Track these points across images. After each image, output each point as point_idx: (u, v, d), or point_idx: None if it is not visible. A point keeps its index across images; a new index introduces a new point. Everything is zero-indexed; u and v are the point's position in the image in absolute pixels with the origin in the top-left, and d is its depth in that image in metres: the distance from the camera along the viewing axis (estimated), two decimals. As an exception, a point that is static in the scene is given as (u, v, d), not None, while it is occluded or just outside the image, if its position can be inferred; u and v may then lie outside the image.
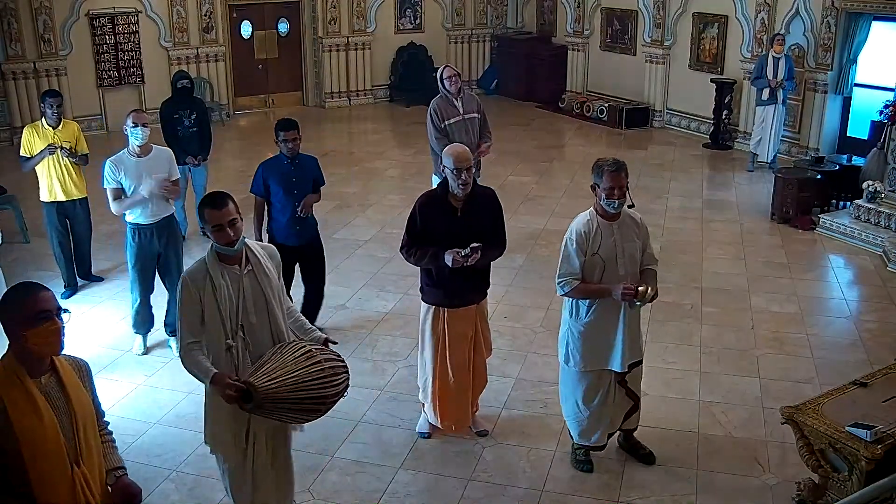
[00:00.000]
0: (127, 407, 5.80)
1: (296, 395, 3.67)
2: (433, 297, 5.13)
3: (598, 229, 4.68)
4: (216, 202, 3.80)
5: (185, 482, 5.01)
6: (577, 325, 4.82)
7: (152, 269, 6.50)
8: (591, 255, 4.65)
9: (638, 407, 5.11)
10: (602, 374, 4.89)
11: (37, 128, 7.40)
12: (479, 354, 5.33)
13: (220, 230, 3.77)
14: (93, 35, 13.47)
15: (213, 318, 3.80)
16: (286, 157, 6.36)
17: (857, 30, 11.12)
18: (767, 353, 6.55)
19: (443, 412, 5.32)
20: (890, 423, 4.17)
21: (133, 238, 6.35)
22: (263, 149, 13.12)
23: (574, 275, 4.66)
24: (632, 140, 13.49)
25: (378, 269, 8.12)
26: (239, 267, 3.85)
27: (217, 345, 3.83)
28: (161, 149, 6.48)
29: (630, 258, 4.71)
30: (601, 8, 15.04)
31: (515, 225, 9.38)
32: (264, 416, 3.74)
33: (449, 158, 4.86)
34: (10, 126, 13.03)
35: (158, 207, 6.33)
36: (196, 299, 3.78)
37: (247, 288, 3.84)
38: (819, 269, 8.48)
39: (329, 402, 3.80)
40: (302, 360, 3.75)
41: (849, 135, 11.64)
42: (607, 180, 4.58)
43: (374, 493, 4.91)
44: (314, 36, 15.58)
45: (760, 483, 4.99)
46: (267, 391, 3.61)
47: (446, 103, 7.71)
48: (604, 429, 4.99)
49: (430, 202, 5.01)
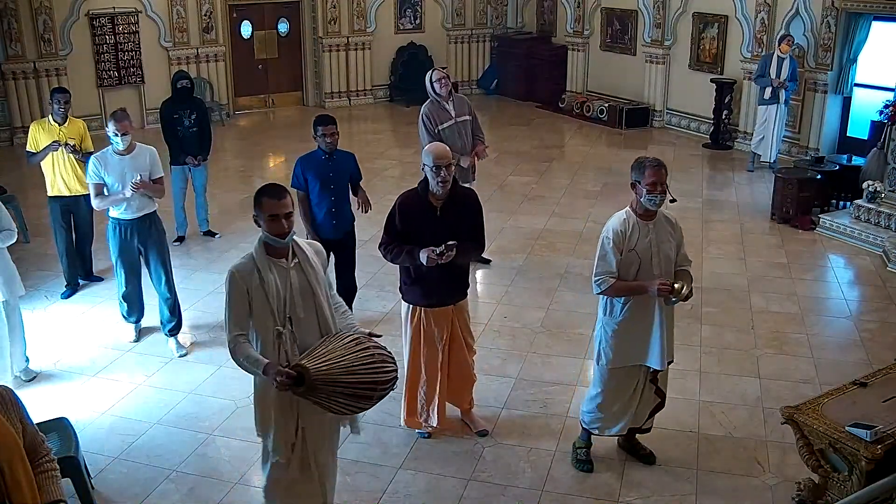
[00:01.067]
0: (127, 407, 5.80)
1: (347, 378, 3.66)
2: (411, 296, 5.16)
3: (635, 227, 4.68)
4: (276, 192, 3.83)
5: (185, 482, 5.01)
6: (612, 323, 4.82)
7: (135, 262, 6.59)
8: (626, 252, 4.65)
9: (663, 405, 5.12)
10: (631, 371, 4.90)
11: (43, 124, 7.46)
12: (462, 353, 5.33)
13: (276, 220, 3.78)
14: (93, 35, 13.48)
15: (262, 309, 3.81)
16: (324, 151, 6.41)
17: (857, 30, 11.12)
18: (767, 353, 6.55)
19: (409, 409, 5.36)
20: (890, 423, 4.17)
21: (114, 232, 6.47)
22: (264, 149, 13.18)
23: (611, 273, 4.66)
24: (632, 140, 13.48)
25: (378, 269, 8.12)
26: (286, 261, 3.88)
27: (266, 333, 3.83)
28: (144, 147, 6.53)
29: (665, 258, 4.72)
30: (601, 8, 15.04)
31: (515, 225, 9.39)
32: (316, 400, 3.70)
33: (428, 156, 4.88)
34: (10, 126, 13.04)
35: (141, 204, 6.39)
36: (244, 292, 3.80)
37: (294, 282, 3.86)
38: (819, 269, 8.48)
39: (380, 388, 3.78)
40: (351, 345, 3.77)
41: (849, 135, 11.64)
42: (650, 175, 4.58)
43: (374, 493, 4.91)
44: (314, 36, 15.58)
45: (760, 483, 4.99)
46: (318, 373, 3.61)
47: (438, 108, 7.62)
48: (626, 422, 5.02)
49: (410, 201, 5.02)
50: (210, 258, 8.51)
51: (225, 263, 7.65)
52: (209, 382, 6.14)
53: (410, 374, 5.29)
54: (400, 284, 5.25)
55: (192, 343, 6.74)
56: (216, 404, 5.81)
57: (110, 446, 5.33)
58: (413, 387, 5.31)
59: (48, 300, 7.53)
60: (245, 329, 3.84)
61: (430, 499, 4.88)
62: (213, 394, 5.97)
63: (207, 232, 9.09)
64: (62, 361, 6.38)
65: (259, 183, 12.41)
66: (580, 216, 9.52)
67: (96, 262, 8.04)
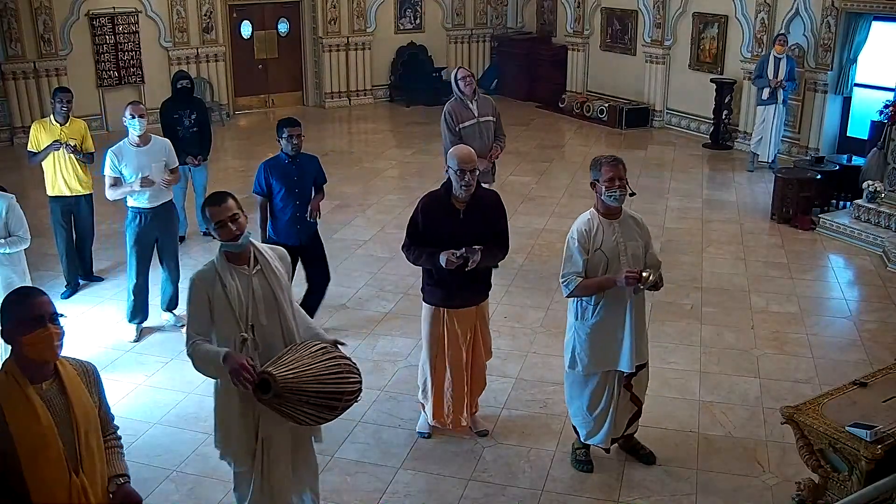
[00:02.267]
0: (127, 407, 5.79)
1: (314, 387, 3.64)
2: (433, 297, 5.13)
3: (600, 227, 4.69)
4: (216, 199, 3.87)
5: (185, 482, 5.01)
6: (584, 327, 4.81)
7: (150, 252, 6.82)
8: (593, 251, 4.65)
9: (640, 414, 5.12)
10: (608, 376, 4.89)
11: (44, 124, 7.47)
12: (479, 357, 5.33)
13: (223, 226, 3.80)
14: (93, 35, 13.48)
15: (224, 316, 3.80)
16: (287, 156, 6.37)
17: (857, 30, 11.12)
18: (767, 353, 6.55)
19: (436, 411, 5.34)
20: (890, 423, 4.17)
21: (133, 221, 6.68)
22: (264, 149, 13.12)
23: (577, 273, 4.66)
24: (632, 140, 13.48)
25: (378, 269, 8.12)
26: (248, 267, 3.87)
27: (230, 340, 3.81)
28: (159, 138, 6.86)
29: (633, 256, 4.71)
30: (601, 8, 15.03)
31: (515, 225, 9.35)
32: (281, 409, 3.66)
33: (454, 159, 4.85)
34: (10, 126, 13.04)
35: (158, 193, 6.68)
36: (205, 298, 3.80)
37: (256, 288, 3.85)
38: (819, 269, 8.48)
39: (346, 399, 3.76)
40: (318, 354, 3.75)
41: (849, 135, 11.64)
42: (606, 171, 4.61)
43: (374, 493, 4.91)
44: (314, 36, 15.58)
45: (760, 483, 4.99)
46: (286, 381, 3.58)
47: (461, 106, 7.60)
48: (609, 430, 4.99)
49: (433, 203, 5.00)
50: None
51: (225, 263, 7.67)
52: (209, 382, 6.05)
53: (435, 376, 5.24)
54: (422, 285, 5.22)
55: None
56: (216, 404, 5.80)
57: (110, 446, 5.32)
58: (439, 389, 5.26)
59: (48, 300, 7.52)
60: (205, 335, 3.81)
61: (430, 499, 4.88)
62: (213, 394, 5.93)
63: (207, 232, 9.06)
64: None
65: (259, 183, 12.25)
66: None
67: (96, 262, 8.04)
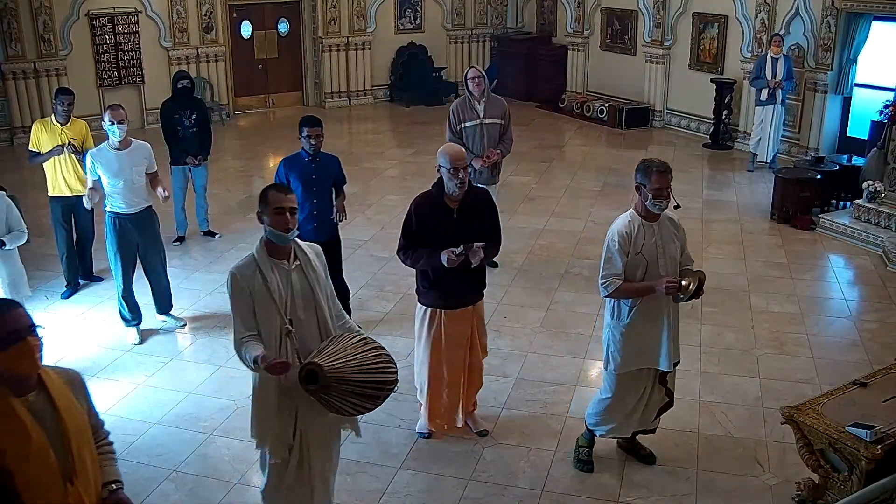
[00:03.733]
0: (127, 407, 5.80)
1: (359, 377, 3.66)
2: (430, 299, 5.13)
3: (640, 230, 4.68)
4: (282, 188, 3.95)
5: (185, 482, 5.01)
6: (619, 327, 4.80)
7: (132, 256, 6.74)
8: (633, 254, 4.65)
9: (672, 404, 5.12)
10: (640, 374, 4.89)
11: (45, 124, 7.48)
12: (476, 356, 5.33)
13: (281, 213, 3.79)
14: (93, 35, 13.47)
15: (266, 309, 3.80)
16: (307, 153, 6.39)
17: (857, 30, 11.12)
18: (767, 353, 6.55)
19: (433, 413, 5.34)
20: (890, 423, 4.17)
21: (113, 226, 6.58)
22: (264, 149, 13.18)
23: (617, 275, 4.65)
24: (632, 140, 13.48)
25: (378, 269, 8.12)
26: (287, 262, 3.88)
27: (270, 334, 3.81)
28: (140, 142, 6.70)
29: (671, 259, 4.71)
30: (601, 8, 15.04)
31: (515, 225, 9.38)
32: (328, 398, 3.68)
33: (445, 157, 4.86)
34: (10, 126, 13.04)
35: (137, 198, 6.57)
36: (246, 293, 3.79)
37: (295, 283, 3.86)
38: (819, 269, 8.48)
39: (387, 388, 3.79)
40: (360, 345, 3.77)
41: (849, 135, 11.64)
42: (656, 181, 4.58)
43: (374, 493, 4.91)
44: (314, 36, 15.58)
45: (760, 483, 4.99)
46: (332, 370, 3.60)
47: (466, 106, 7.58)
48: (633, 425, 5.02)
49: (426, 203, 5.00)
50: (210, 258, 8.51)
51: (225, 263, 7.67)
52: (209, 382, 6.14)
53: (432, 378, 5.23)
54: (417, 287, 5.22)
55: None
56: (216, 404, 5.81)
57: (110, 446, 5.32)
58: (436, 391, 5.26)
59: (48, 300, 7.53)
60: (253, 330, 3.81)
61: (430, 499, 4.88)
62: (213, 394, 5.97)
63: (207, 232, 9.09)
64: (62, 361, 6.37)
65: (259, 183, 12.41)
66: (580, 216, 9.51)
67: (96, 262, 8.04)
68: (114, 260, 6.68)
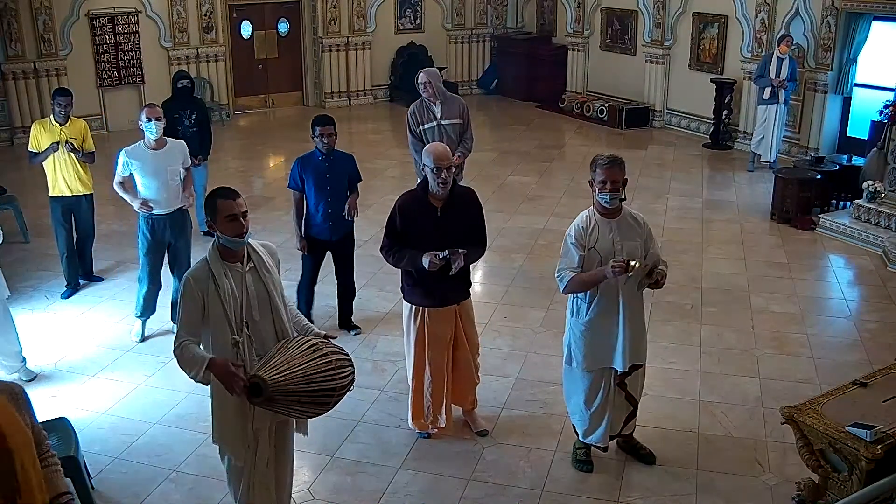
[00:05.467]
0: (127, 407, 5.80)
1: (305, 387, 3.67)
2: (413, 297, 5.15)
3: (596, 225, 4.71)
4: (229, 193, 3.86)
5: (185, 482, 5.00)
6: (579, 324, 4.82)
7: (161, 258, 6.79)
8: (588, 249, 4.66)
9: (635, 413, 5.11)
10: (604, 373, 4.90)
11: (44, 124, 7.47)
12: (464, 353, 5.31)
13: (234, 220, 3.77)
14: (93, 35, 13.47)
15: (217, 317, 3.80)
16: (321, 152, 6.42)
17: (857, 30, 11.12)
18: (767, 353, 6.54)
19: (415, 412, 5.35)
20: (890, 423, 4.17)
21: (146, 227, 6.62)
22: (264, 149, 13.19)
23: (571, 268, 4.67)
24: (632, 140, 13.48)
25: (378, 269, 8.11)
26: (241, 264, 3.87)
27: (223, 343, 3.82)
28: (175, 141, 6.84)
29: (629, 256, 4.71)
30: (601, 8, 15.04)
31: (515, 225, 9.39)
32: (273, 410, 3.72)
33: (429, 157, 4.88)
34: (10, 126, 13.04)
35: (172, 199, 6.63)
36: (198, 298, 3.78)
37: (250, 285, 3.85)
38: (819, 269, 8.48)
39: (337, 394, 3.79)
40: (309, 352, 3.75)
41: (849, 135, 11.64)
42: (600, 174, 4.63)
43: (374, 493, 4.91)
44: (314, 36, 15.58)
45: (760, 483, 4.98)
46: (276, 384, 3.60)
47: (423, 108, 7.56)
48: (606, 429, 4.99)
49: (410, 202, 5.01)
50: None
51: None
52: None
53: (416, 376, 5.25)
54: (402, 285, 5.24)
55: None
56: (216, 404, 5.80)
57: (110, 446, 5.32)
58: (419, 389, 5.27)
59: (48, 300, 7.53)
60: (195, 335, 3.81)
61: (430, 499, 4.88)
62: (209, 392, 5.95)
63: (207, 232, 9.08)
64: (62, 361, 6.38)
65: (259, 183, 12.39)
66: (580, 216, 9.49)
67: (97, 262, 8.04)
68: (142, 261, 6.71)
